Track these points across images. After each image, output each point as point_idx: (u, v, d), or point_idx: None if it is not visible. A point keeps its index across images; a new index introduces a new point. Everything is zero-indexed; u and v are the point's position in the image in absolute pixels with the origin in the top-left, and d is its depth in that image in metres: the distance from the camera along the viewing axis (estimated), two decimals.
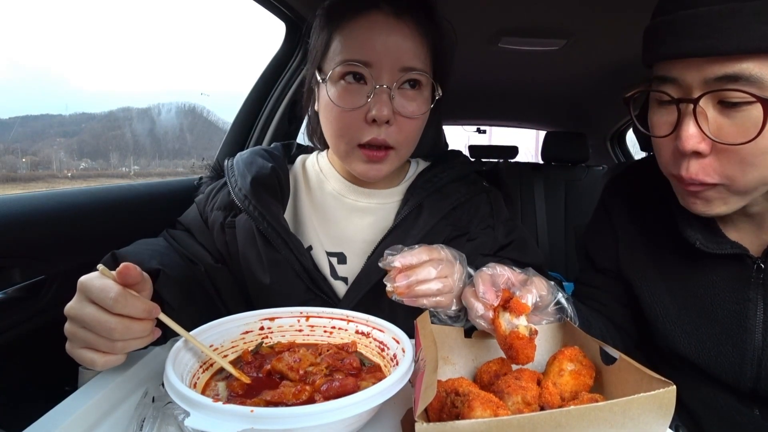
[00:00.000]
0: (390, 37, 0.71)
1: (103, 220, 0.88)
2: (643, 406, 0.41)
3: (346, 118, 0.73)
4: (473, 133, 3.67)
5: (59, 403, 0.51)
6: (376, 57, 0.71)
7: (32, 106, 13.69)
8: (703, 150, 0.55)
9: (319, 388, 0.51)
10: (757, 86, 0.51)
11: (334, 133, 0.76)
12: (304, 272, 0.77)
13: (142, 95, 16.93)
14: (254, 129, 1.45)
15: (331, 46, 0.74)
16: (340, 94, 0.73)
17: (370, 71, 0.71)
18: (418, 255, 0.61)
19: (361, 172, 0.77)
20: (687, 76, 0.55)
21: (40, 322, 0.73)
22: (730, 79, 0.52)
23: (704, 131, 0.55)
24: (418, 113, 0.74)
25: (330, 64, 0.74)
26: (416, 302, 0.60)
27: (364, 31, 0.72)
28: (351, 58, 0.71)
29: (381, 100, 0.71)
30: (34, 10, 12.08)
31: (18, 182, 4.47)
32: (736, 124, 0.53)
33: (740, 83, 0.51)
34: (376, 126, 0.72)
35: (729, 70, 0.51)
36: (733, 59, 0.51)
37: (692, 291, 0.68)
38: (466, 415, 0.42)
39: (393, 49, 0.71)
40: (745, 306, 0.63)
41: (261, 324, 0.64)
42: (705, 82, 0.54)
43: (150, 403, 0.52)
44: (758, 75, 0.50)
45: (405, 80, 0.73)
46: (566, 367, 0.53)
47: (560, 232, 2.45)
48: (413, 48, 0.72)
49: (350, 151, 0.76)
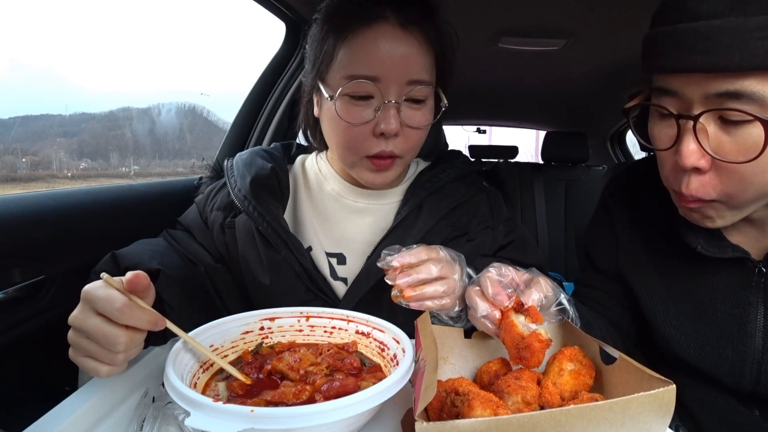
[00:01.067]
0: (397, 50, 0.70)
1: (103, 220, 0.88)
2: (642, 405, 0.41)
3: (354, 132, 0.72)
4: (473, 133, 3.67)
5: (59, 403, 0.51)
6: (384, 72, 0.69)
7: (32, 106, 13.73)
8: (702, 166, 0.55)
9: (319, 388, 0.51)
10: (759, 104, 0.49)
11: (340, 145, 0.76)
12: (304, 273, 0.77)
13: (142, 95, 16.99)
14: (254, 129, 1.46)
15: (336, 58, 0.72)
16: (347, 109, 0.71)
17: (377, 86, 0.70)
18: (416, 254, 0.61)
19: (368, 180, 0.77)
20: (687, 91, 0.54)
21: (40, 323, 0.73)
22: (731, 95, 0.50)
23: (704, 148, 0.54)
24: (425, 123, 0.75)
25: (335, 77, 0.72)
26: (422, 305, 0.60)
27: (371, 43, 0.70)
28: (359, 74, 0.70)
29: (389, 115, 0.70)
30: (34, 11, 12.13)
31: (18, 182, 4.47)
32: (737, 141, 0.52)
33: (742, 101, 0.50)
34: (384, 139, 0.72)
35: (731, 86, 0.50)
36: (735, 76, 0.50)
37: (693, 294, 0.68)
38: (466, 415, 0.42)
39: (400, 63, 0.70)
40: (746, 310, 0.63)
41: (261, 324, 0.64)
42: (706, 98, 0.52)
43: (150, 403, 0.52)
44: (760, 92, 0.49)
45: (412, 95, 0.72)
46: (566, 366, 0.53)
47: (560, 232, 2.45)
48: (420, 60, 0.71)
49: (357, 162, 0.76)
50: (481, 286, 0.58)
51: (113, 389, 0.55)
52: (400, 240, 0.76)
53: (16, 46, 11.17)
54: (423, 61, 0.72)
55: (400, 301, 0.60)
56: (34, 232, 0.73)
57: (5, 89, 6.86)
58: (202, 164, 1.23)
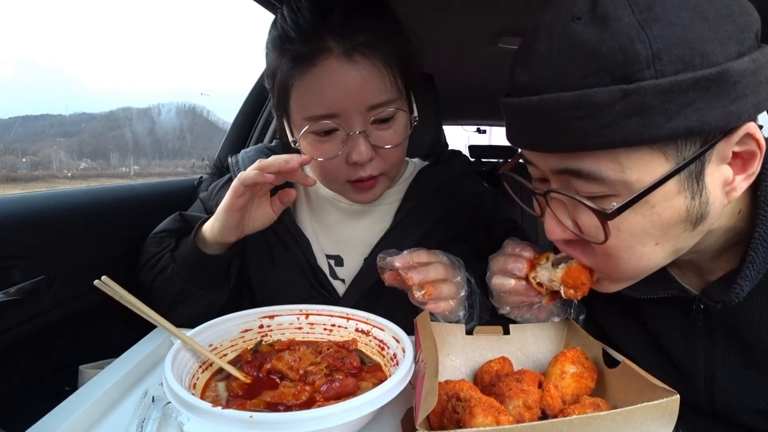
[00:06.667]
0: (348, 82, 0.66)
1: (103, 220, 0.88)
2: (645, 415, 0.40)
3: (328, 166, 0.72)
4: (473, 133, 3.68)
5: (59, 403, 0.51)
6: (341, 106, 0.66)
7: (32, 106, 13.73)
8: (569, 237, 0.51)
9: (318, 389, 0.51)
10: (600, 183, 0.45)
11: (319, 177, 0.77)
12: (309, 268, 0.78)
13: (143, 95, 17.00)
14: (254, 129, 1.46)
15: (291, 101, 0.70)
16: (315, 147, 0.70)
17: (338, 121, 0.68)
18: (417, 256, 0.61)
19: (356, 200, 0.78)
20: (537, 163, 0.50)
21: (40, 323, 0.73)
22: (572, 173, 0.46)
23: (564, 222, 0.50)
24: (398, 141, 0.72)
25: (296, 118, 0.71)
26: (437, 306, 0.60)
27: (320, 82, 0.66)
28: (316, 114, 0.67)
29: (358, 144, 0.68)
30: (34, 11, 12.13)
31: (18, 182, 4.47)
32: (589, 220, 0.48)
33: (583, 179, 0.45)
34: (360, 166, 0.71)
35: (568, 165, 0.46)
36: (569, 155, 0.45)
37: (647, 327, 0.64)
38: (468, 422, 0.42)
39: (355, 93, 0.66)
40: (695, 343, 0.59)
41: (260, 322, 0.64)
42: (552, 173, 0.49)
43: (150, 403, 0.52)
44: (597, 172, 0.44)
45: (377, 118, 0.69)
46: (568, 369, 0.53)
47: None
48: (377, 83, 0.67)
49: (341, 188, 0.77)
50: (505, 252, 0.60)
51: (113, 389, 0.55)
52: (399, 240, 0.76)
53: (16, 46, 11.12)
54: (380, 83, 0.67)
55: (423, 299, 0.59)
56: (34, 232, 0.73)
57: (6, 89, 6.82)
58: (201, 164, 1.23)
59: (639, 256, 0.48)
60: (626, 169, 0.44)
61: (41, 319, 0.73)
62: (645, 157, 0.43)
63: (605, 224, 0.45)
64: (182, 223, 0.79)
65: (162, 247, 0.76)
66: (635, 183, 0.44)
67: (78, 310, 0.79)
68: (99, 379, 0.56)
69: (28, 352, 0.74)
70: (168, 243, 0.76)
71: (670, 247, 0.48)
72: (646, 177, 0.43)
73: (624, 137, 0.41)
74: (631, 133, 0.41)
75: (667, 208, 0.45)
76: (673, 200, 0.45)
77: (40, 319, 0.73)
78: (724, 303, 0.51)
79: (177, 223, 0.79)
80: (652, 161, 0.43)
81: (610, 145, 0.42)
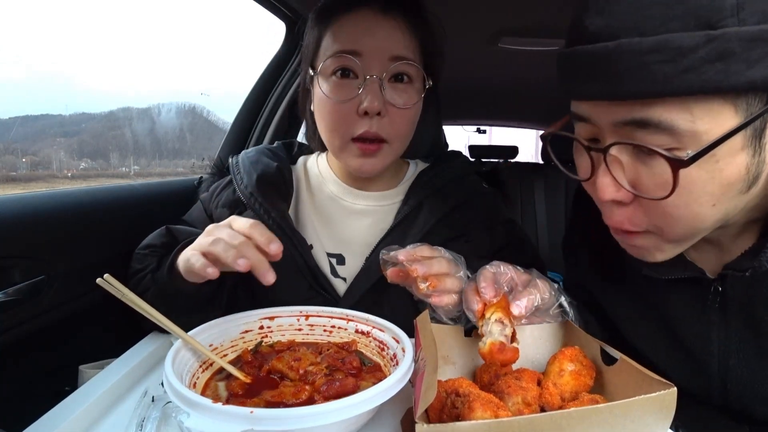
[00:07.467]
0: (379, 29, 0.73)
1: (103, 220, 0.88)
2: (643, 407, 0.40)
3: (339, 111, 0.74)
4: (473, 133, 3.67)
5: (59, 403, 0.51)
6: (366, 47, 0.72)
7: (32, 106, 13.73)
8: (622, 199, 0.50)
9: (318, 388, 0.51)
10: (668, 134, 0.44)
11: (327, 127, 0.77)
12: (307, 270, 0.78)
13: (143, 95, 16.98)
14: (254, 129, 1.46)
15: (322, 44, 0.76)
16: (331, 87, 0.74)
17: (360, 62, 0.72)
18: (420, 250, 0.61)
19: (356, 167, 0.77)
20: (596, 118, 0.49)
21: (40, 323, 0.73)
22: (638, 124, 0.45)
23: (620, 181, 0.49)
24: (410, 104, 0.75)
25: (321, 59, 0.75)
26: (441, 300, 0.59)
27: (353, 24, 0.73)
28: (341, 50, 0.72)
29: (372, 91, 0.72)
30: (35, 11, 12.13)
31: (18, 182, 4.47)
32: (653, 173, 0.47)
33: (649, 130, 0.45)
34: (368, 118, 0.73)
35: (637, 114, 0.45)
36: (640, 103, 0.44)
37: (658, 313, 0.64)
38: (467, 416, 0.42)
39: (382, 40, 0.72)
40: (708, 328, 0.59)
41: (260, 323, 0.64)
42: (615, 126, 0.47)
43: (150, 403, 0.52)
44: (668, 122, 0.43)
45: (395, 71, 0.73)
46: (566, 367, 0.53)
47: (560, 232, 2.42)
48: (402, 39, 0.74)
49: (344, 146, 0.76)
50: (476, 281, 0.57)
51: (113, 389, 0.55)
52: (400, 240, 0.76)
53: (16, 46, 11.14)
54: (406, 41, 0.74)
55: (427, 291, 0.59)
56: (34, 232, 0.73)
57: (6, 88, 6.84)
58: (202, 164, 1.23)
59: (694, 216, 0.48)
60: (697, 120, 0.43)
61: (41, 319, 0.73)
62: (716, 107, 0.43)
63: (677, 175, 0.44)
64: (168, 238, 0.75)
65: (144, 265, 0.72)
66: (704, 135, 0.43)
67: (78, 310, 0.79)
68: (99, 379, 0.56)
69: (28, 352, 0.74)
70: (149, 263, 0.71)
71: (723, 209, 0.48)
72: (716, 129, 0.43)
73: (703, 83, 0.42)
74: (711, 79, 0.41)
75: (730, 163, 0.45)
76: (736, 156, 0.45)
77: (40, 319, 0.73)
78: (754, 269, 0.51)
79: (162, 238, 0.75)
80: (722, 113, 0.43)
81: (688, 91, 0.42)
